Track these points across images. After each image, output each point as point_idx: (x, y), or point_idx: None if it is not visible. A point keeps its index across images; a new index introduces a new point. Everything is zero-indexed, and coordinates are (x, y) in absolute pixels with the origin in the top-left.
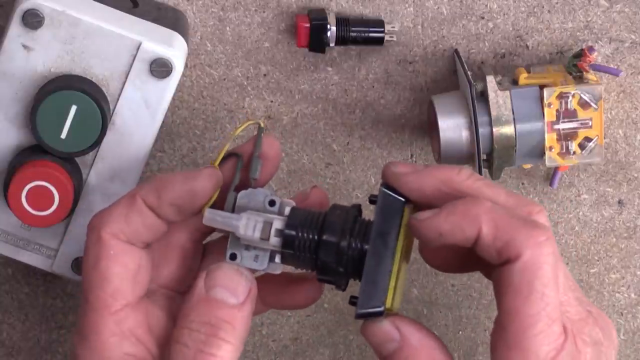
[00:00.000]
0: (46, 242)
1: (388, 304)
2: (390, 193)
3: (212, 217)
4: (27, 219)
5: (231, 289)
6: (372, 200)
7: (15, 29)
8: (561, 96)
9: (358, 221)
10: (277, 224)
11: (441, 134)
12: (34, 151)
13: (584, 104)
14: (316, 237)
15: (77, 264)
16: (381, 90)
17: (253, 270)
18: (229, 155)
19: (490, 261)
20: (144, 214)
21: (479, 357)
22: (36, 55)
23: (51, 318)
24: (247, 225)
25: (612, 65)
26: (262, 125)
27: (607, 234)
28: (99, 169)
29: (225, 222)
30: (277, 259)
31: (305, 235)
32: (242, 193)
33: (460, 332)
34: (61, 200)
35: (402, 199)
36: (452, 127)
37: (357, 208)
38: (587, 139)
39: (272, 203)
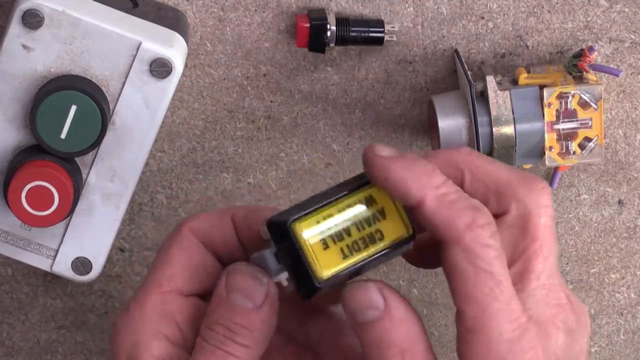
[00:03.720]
0: (46, 242)
1: (303, 231)
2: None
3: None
4: (27, 219)
5: (248, 294)
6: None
7: (15, 29)
8: (561, 96)
9: None
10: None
11: (441, 134)
12: (34, 151)
13: (583, 104)
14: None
15: (77, 264)
16: (381, 90)
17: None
18: None
19: (427, 229)
20: (226, 225)
21: None
22: (36, 55)
23: (51, 318)
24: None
25: (612, 65)
26: None
27: (607, 234)
28: (99, 169)
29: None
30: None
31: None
32: None
33: None
34: (61, 200)
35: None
36: (452, 127)
37: None
38: (587, 139)
39: None
